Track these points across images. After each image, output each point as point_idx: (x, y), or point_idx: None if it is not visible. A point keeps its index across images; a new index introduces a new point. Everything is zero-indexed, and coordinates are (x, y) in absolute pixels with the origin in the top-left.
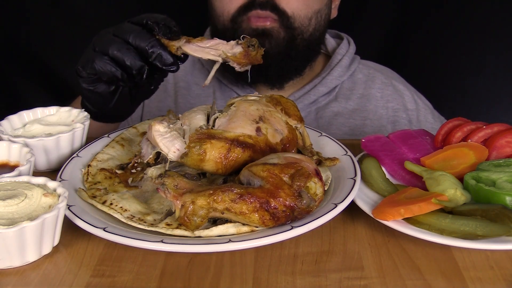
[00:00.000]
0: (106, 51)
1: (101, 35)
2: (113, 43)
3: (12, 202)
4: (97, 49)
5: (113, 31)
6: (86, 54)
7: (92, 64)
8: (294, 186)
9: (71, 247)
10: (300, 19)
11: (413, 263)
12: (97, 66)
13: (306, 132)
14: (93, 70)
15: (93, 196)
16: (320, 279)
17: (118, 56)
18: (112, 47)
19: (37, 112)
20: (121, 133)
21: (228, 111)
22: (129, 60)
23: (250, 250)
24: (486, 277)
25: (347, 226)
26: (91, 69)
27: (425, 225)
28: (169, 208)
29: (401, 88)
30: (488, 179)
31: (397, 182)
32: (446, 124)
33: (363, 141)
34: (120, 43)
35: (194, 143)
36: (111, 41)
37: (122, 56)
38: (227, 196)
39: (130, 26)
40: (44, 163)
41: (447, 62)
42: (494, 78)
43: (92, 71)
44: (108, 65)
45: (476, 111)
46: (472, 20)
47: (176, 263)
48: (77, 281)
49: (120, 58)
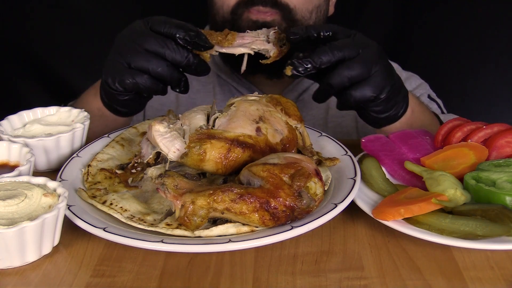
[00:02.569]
0: (146, 69)
1: (130, 46)
2: (152, 59)
3: (12, 202)
4: (133, 65)
5: (142, 43)
6: (116, 67)
7: (132, 80)
8: (294, 186)
9: (71, 247)
10: (301, 12)
11: (413, 263)
12: (140, 84)
13: (306, 132)
14: (135, 86)
15: (93, 196)
16: (320, 279)
17: (160, 73)
18: (153, 64)
19: (37, 112)
20: (121, 133)
21: (228, 111)
22: (169, 76)
23: (250, 250)
24: (486, 277)
25: (347, 226)
26: (131, 85)
27: (425, 225)
28: (169, 208)
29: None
30: (488, 179)
31: (397, 182)
32: (446, 124)
33: (363, 141)
34: (159, 58)
35: (194, 143)
36: (149, 57)
37: (163, 73)
38: (227, 196)
39: (160, 39)
40: (44, 163)
41: (447, 62)
42: (494, 78)
43: (135, 87)
44: (150, 81)
45: (476, 111)
46: (472, 20)
47: (176, 263)
48: (77, 281)
49: (162, 75)
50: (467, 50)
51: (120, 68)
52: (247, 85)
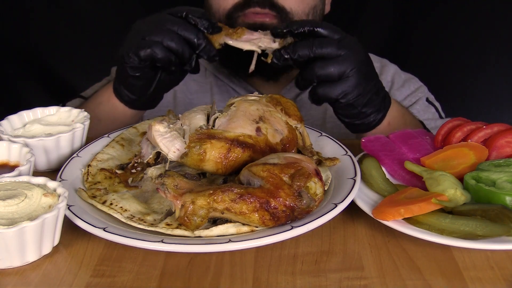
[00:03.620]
0: (160, 40)
1: (148, 25)
2: (166, 34)
3: (12, 202)
4: (148, 38)
5: (158, 22)
6: (132, 42)
7: (147, 50)
8: (294, 186)
9: (71, 247)
10: (298, 15)
11: (413, 263)
12: (154, 53)
13: (306, 132)
14: (149, 56)
15: (93, 196)
16: (320, 279)
17: (172, 46)
18: (166, 37)
19: (37, 112)
20: (121, 133)
21: (228, 111)
22: (181, 50)
23: (250, 250)
24: (486, 277)
25: (347, 226)
26: (146, 55)
27: (425, 225)
28: (169, 208)
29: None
30: (488, 179)
31: (397, 182)
32: (446, 124)
33: (363, 141)
34: (172, 33)
35: (194, 143)
36: (163, 32)
37: (176, 46)
38: (227, 196)
39: (174, 19)
40: (44, 163)
41: (447, 62)
42: (494, 78)
43: (149, 57)
44: (164, 51)
45: (476, 111)
46: (472, 20)
47: (176, 263)
48: (77, 281)
49: (174, 48)
50: (467, 50)
51: (137, 40)
52: (244, 85)
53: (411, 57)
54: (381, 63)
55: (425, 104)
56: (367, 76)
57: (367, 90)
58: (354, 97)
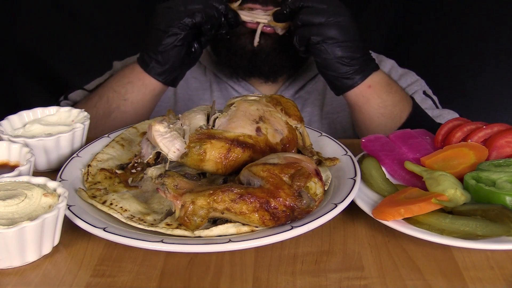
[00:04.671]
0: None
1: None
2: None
3: (12, 202)
4: (182, 8)
5: None
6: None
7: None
8: (294, 186)
9: (71, 247)
10: None
11: (413, 263)
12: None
13: (306, 132)
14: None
15: (93, 196)
16: (320, 279)
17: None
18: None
19: (37, 112)
20: (121, 133)
21: (228, 111)
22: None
23: (250, 250)
24: (486, 277)
25: (347, 226)
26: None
27: (425, 225)
28: (169, 208)
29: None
30: (488, 179)
31: (397, 182)
32: (446, 124)
33: (363, 141)
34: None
35: (194, 143)
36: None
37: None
38: (227, 196)
39: None
40: (44, 163)
41: (447, 62)
42: (494, 78)
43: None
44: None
45: (476, 111)
46: (473, 21)
47: (176, 263)
48: (77, 281)
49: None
50: (467, 50)
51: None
52: (243, 84)
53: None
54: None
55: (421, 96)
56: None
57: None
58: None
